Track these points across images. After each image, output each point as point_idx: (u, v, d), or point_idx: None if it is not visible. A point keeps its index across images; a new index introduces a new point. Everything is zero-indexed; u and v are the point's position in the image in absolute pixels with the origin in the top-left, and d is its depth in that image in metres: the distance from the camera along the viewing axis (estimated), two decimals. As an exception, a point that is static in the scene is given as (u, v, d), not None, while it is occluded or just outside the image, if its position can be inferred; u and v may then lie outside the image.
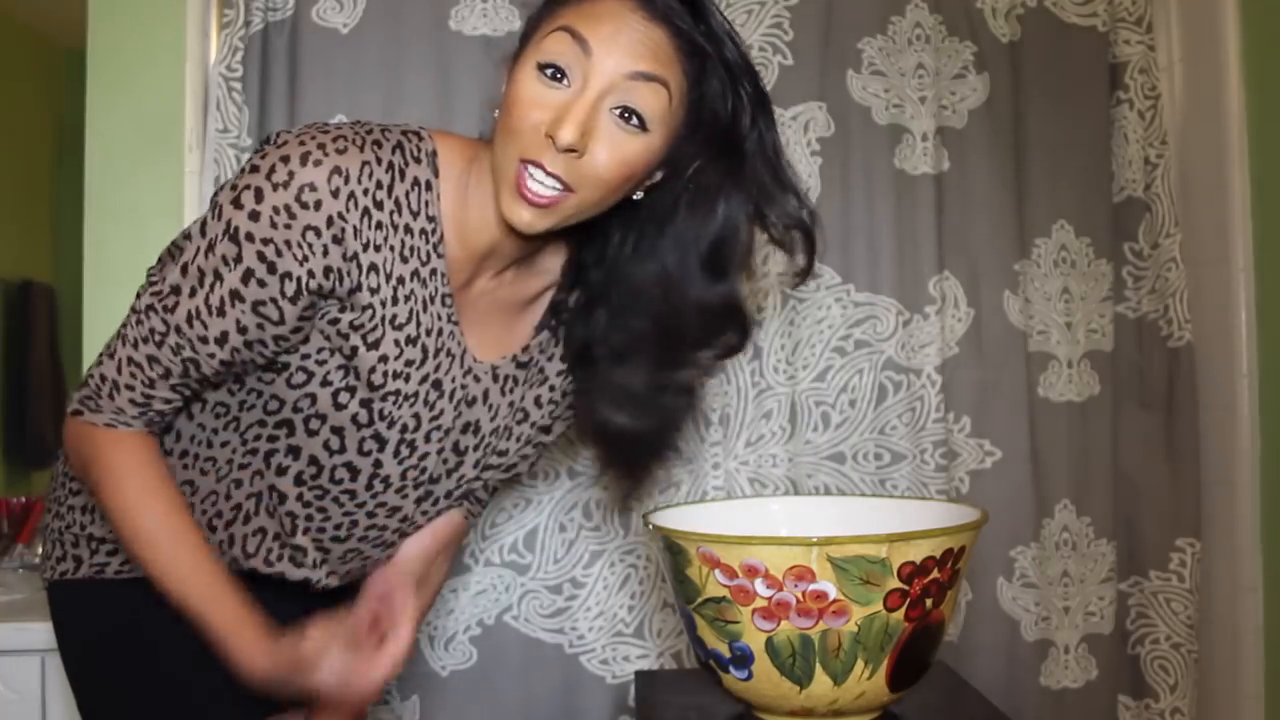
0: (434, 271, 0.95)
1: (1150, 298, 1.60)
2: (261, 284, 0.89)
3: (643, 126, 0.89)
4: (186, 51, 1.48)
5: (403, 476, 1.03)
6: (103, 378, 0.95)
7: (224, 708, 1.00)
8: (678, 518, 1.15)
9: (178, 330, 0.92)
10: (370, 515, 1.04)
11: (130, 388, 0.94)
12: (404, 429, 0.99)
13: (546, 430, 1.13)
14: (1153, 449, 1.60)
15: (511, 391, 1.07)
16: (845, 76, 1.53)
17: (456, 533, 1.17)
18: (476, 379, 1.03)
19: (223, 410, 1.01)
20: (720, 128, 0.95)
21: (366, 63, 1.45)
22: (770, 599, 0.95)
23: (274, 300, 0.90)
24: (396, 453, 1.01)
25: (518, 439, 1.10)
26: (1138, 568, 1.60)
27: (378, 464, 1.00)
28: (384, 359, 0.95)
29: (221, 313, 0.90)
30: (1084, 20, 1.60)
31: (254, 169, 0.89)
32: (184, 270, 0.91)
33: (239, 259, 0.88)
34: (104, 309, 1.46)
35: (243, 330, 0.91)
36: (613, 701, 1.48)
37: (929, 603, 0.97)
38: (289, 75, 1.44)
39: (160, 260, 0.98)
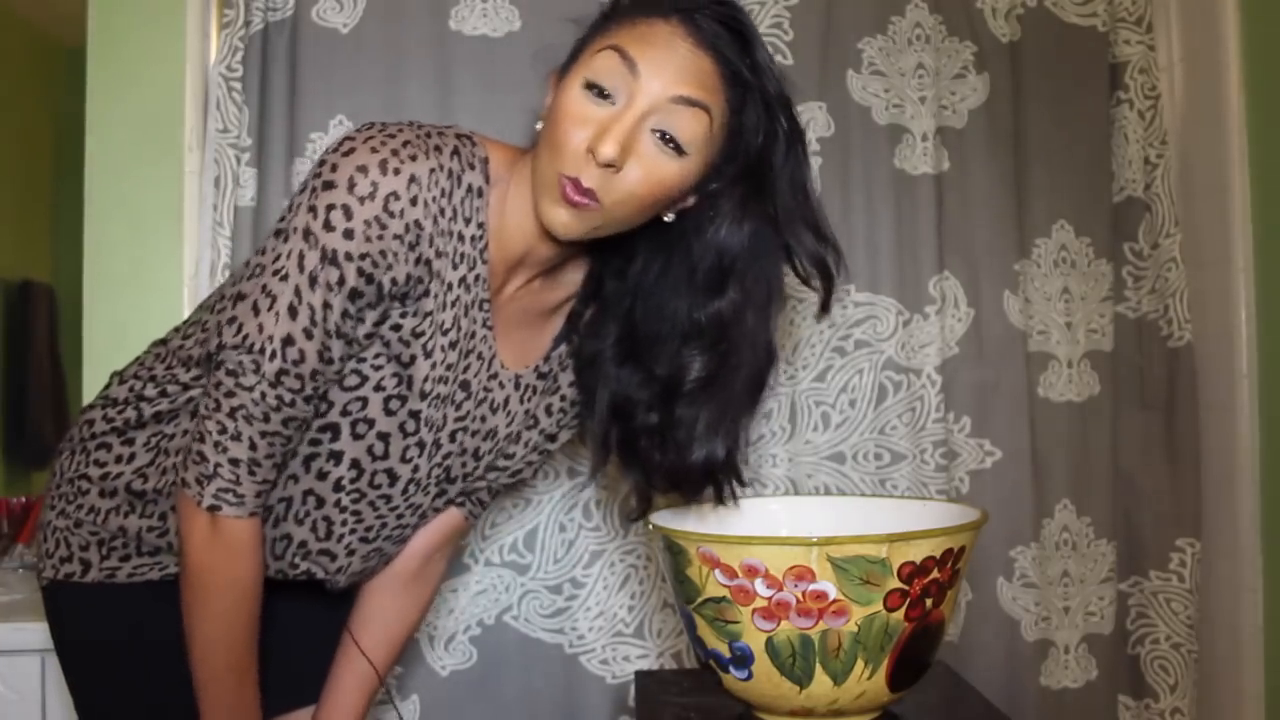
0: (477, 277, 0.97)
1: (1150, 298, 1.60)
2: (361, 296, 0.90)
3: (680, 150, 0.91)
4: (186, 51, 1.48)
5: (428, 475, 1.04)
6: (234, 461, 0.91)
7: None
8: (678, 518, 1.15)
9: (314, 375, 0.91)
10: (399, 516, 1.05)
11: (270, 456, 0.93)
12: (435, 429, 1.00)
13: (553, 439, 1.15)
14: (1153, 449, 1.60)
15: (529, 400, 1.08)
16: (845, 76, 1.53)
17: (455, 531, 1.18)
18: (501, 385, 1.05)
19: None
20: (753, 159, 0.96)
21: (366, 63, 1.45)
22: (770, 599, 0.95)
23: (369, 306, 0.92)
24: (430, 455, 1.02)
25: (525, 444, 1.11)
26: (1138, 568, 1.60)
27: (416, 469, 1.01)
28: (434, 365, 0.96)
29: (341, 335, 0.91)
30: (1084, 20, 1.60)
31: (330, 186, 0.88)
32: (292, 314, 0.89)
33: (342, 281, 0.89)
34: (104, 309, 1.47)
35: (350, 345, 0.93)
36: (613, 701, 1.48)
37: (929, 603, 0.97)
38: (289, 75, 1.44)
39: (234, 321, 0.91)
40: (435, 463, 1.03)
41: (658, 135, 0.90)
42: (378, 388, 0.96)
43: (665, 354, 1.02)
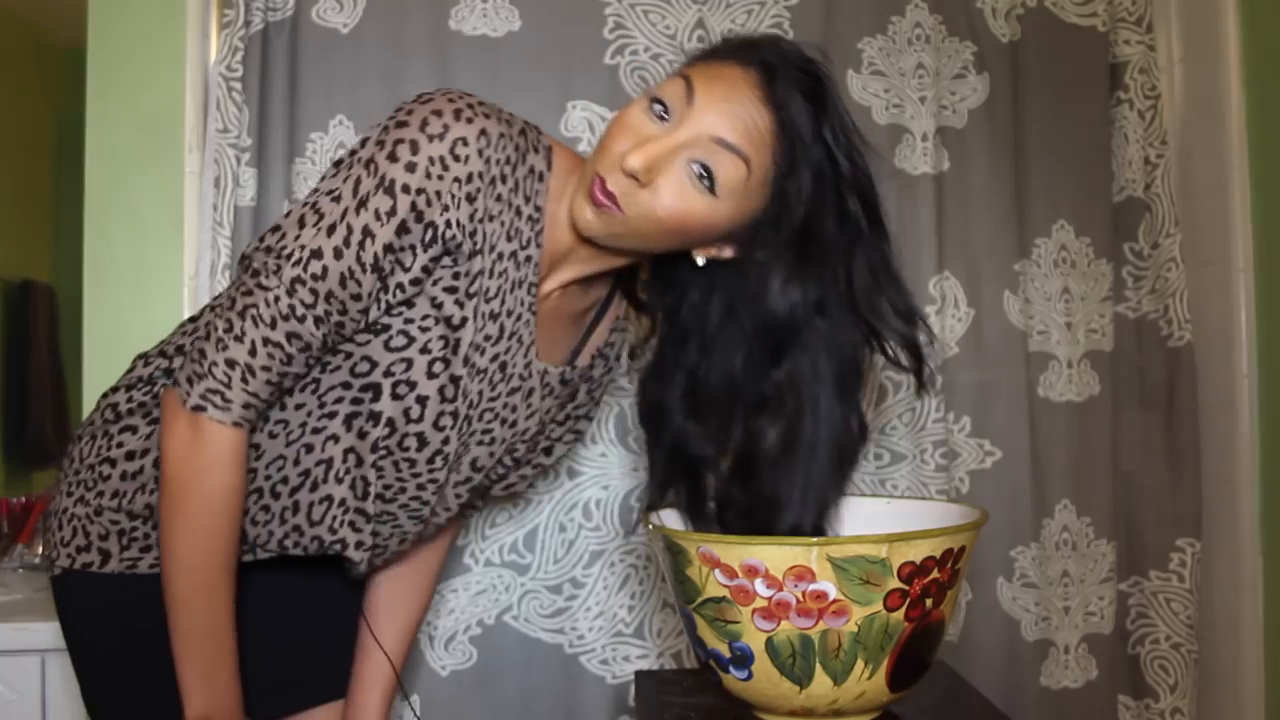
0: (529, 258, 0.98)
1: (1150, 298, 1.60)
2: (408, 232, 0.90)
3: (713, 189, 0.91)
4: (186, 51, 1.48)
5: (455, 453, 1.03)
6: (230, 363, 0.90)
7: (249, 707, 1.00)
8: (678, 518, 1.15)
9: (329, 296, 0.90)
10: (420, 488, 1.04)
11: (267, 369, 0.90)
12: (470, 404, 1.01)
13: (549, 452, 1.18)
14: (1153, 449, 1.60)
15: (546, 399, 1.09)
16: (845, 76, 1.53)
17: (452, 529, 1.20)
18: (532, 375, 1.05)
19: None
20: (798, 227, 0.95)
21: (366, 63, 1.45)
22: (770, 599, 0.95)
23: (412, 248, 0.91)
24: (460, 429, 1.01)
25: (528, 448, 1.13)
26: (1138, 568, 1.60)
27: (446, 440, 1.01)
28: (475, 331, 0.97)
29: (377, 269, 0.91)
30: (1084, 20, 1.60)
31: (402, 124, 0.90)
32: (330, 231, 0.89)
33: (393, 211, 0.89)
34: (104, 309, 1.47)
35: (384, 281, 0.92)
36: (613, 701, 1.48)
37: (929, 603, 0.97)
38: (289, 75, 1.44)
39: (279, 230, 0.92)
40: (462, 441, 1.03)
41: (697, 167, 0.91)
42: (424, 349, 0.96)
43: (736, 420, 1.02)
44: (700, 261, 0.99)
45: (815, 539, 0.94)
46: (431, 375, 0.97)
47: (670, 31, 1.50)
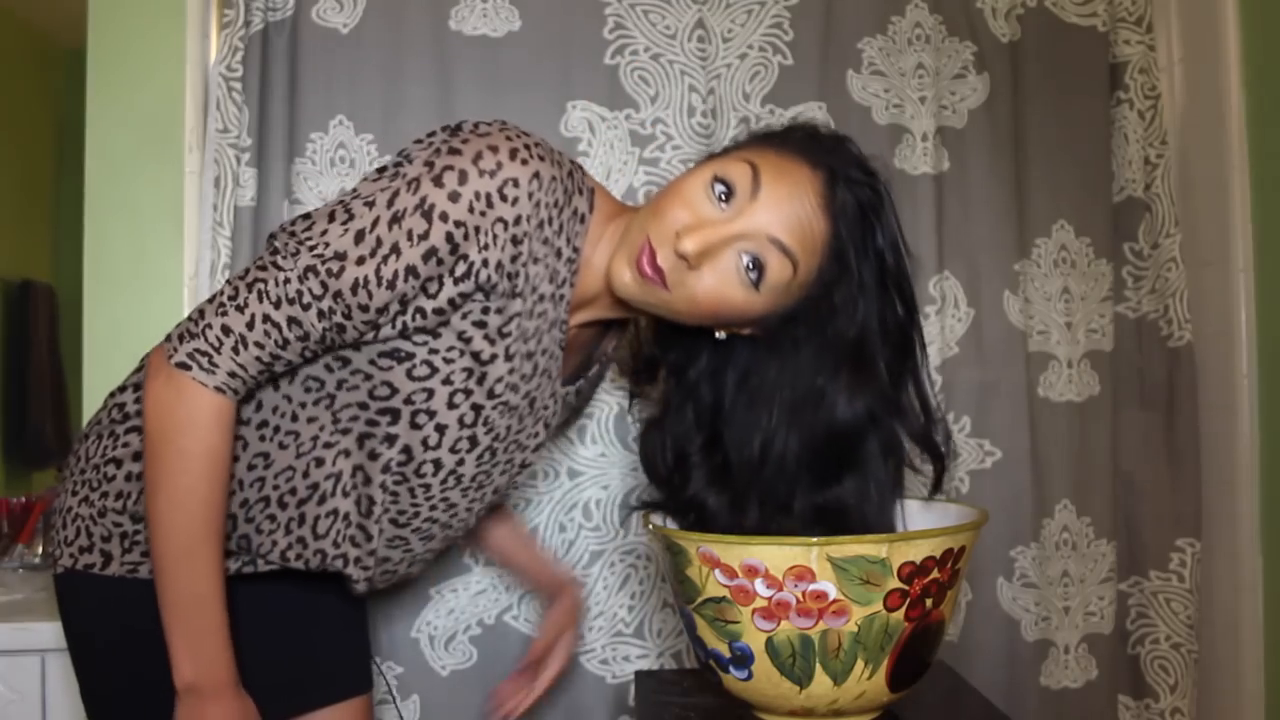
0: (562, 298, 0.99)
1: (1150, 298, 1.60)
2: (440, 263, 0.90)
3: (756, 284, 0.93)
4: (186, 51, 1.48)
5: (472, 479, 1.04)
6: (225, 329, 0.89)
7: (258, 702, 1.00)
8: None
9: (337, 296, 0.90)
10: (432, 508, 1.05)
11: (260, 346, 0.90)
12: (495, 437, 1.01)
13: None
14: (1153, 449, 1.60)
15: (557, 416, 1.11)
16: (845, 76, 1.53)
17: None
18: (554, 401, 1.08)
19: (315, 385, 0.99)
20: (850, 338, 0.97)
21: (366, 63, 1.45)
22: (770, 599, 0.95)
23: (439, 278, 0.91)
24: (479, 457, 1.02)
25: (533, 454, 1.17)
26: (1138, 568, 1.60)
27: (460, 463, 1.02)
28: (510, 371, 0.97)
29: (392, 286, 0.90)
30: (1084, 20, 1.60)
31: (455, 151, 0.90)
32: (358, 238, 0.89)
33: (426, 236, 0.89)
34: (104, 309, 1.47)
35: (403, 303, 0.92)
36: (613, 701, 1.48)
37: (929, 603, 0.97)
38: (289, 75, 1.44)
39: (309, 218, 0.93)
40: (481, 468, 1.03)
41: (747, 259, 0.92)
42: (446, 380, 0.96)
43: (752, 495, 1.04)
44: (720, 336, 1.01)
45: (815, 539, 0.94)
46: (452, 405, 0.97)
47: (670, 31, 1.50)
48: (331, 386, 0.98)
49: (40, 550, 1.90)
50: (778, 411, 1.01)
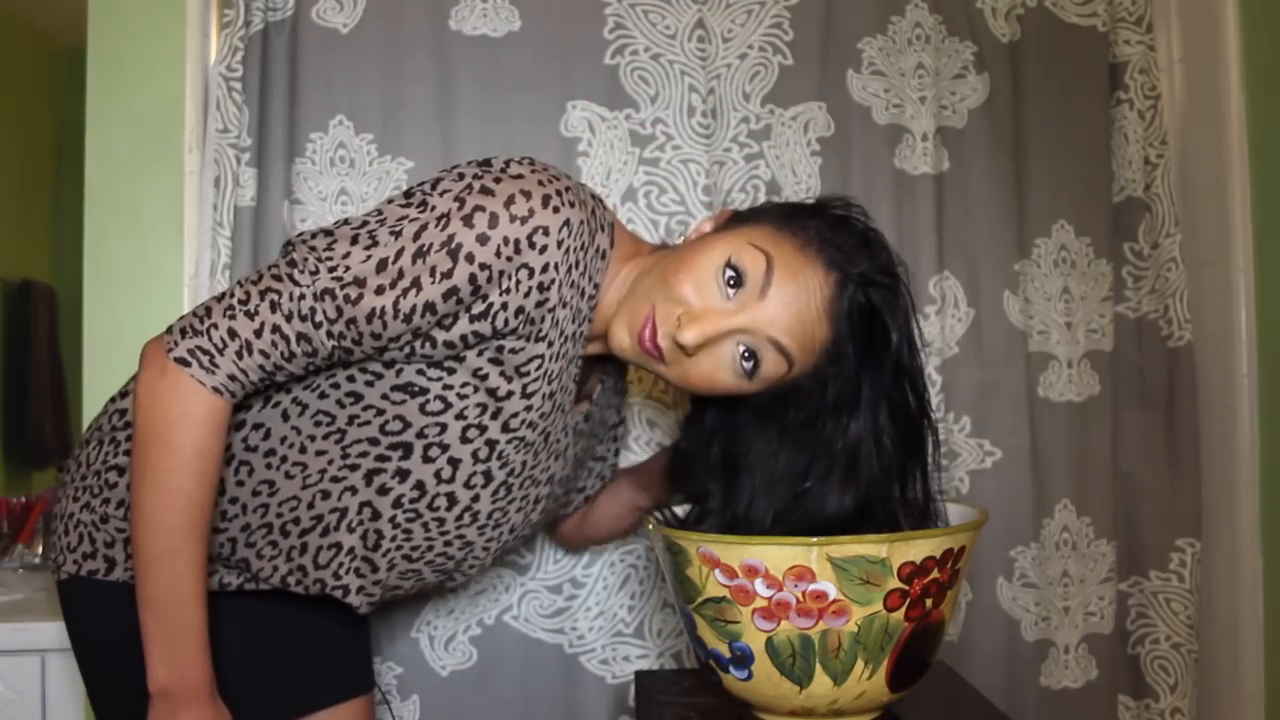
0: (579, 334, 0.98)
1: (1150, 298, 1.60)
2: (459, 301, 0.90)
3: (750, 375, 0.94)
4: (186, 51, 1.48)
5: (489, 515, 1.04)
6: (232, 333, 0.88)
7: (256, 713, 1.00)
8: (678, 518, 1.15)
9: (351, 322, 0.89)
10: (446, 544, 1.04)
11: (265, 355, 0.89)
12: (511, 472, 1.01)
13: (617, 453, 1.26)
14: (1153, 449, 1.59)
15: (578, 444, 1.11)
16: (845, 76, 1.53)
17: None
18: (567, 433, 1.07)
19: (326, 420, 0.98)
20: (826, 429, 0.98)
21: (366, 63, 1.45)
22: (770, 599, 0.95)
23: (456, 314, 0.91)
24: (495, 493, 1.02)
25: (591, 472, 1.20)
26: (1138, 568, 1.59)
27: (475, 499, 1.01)
28: (530, 408, 0.97)
29: (408, 320, 0.89)
30: (1084, 20, 1.60)
31: (487, 192, 0.88)
32: (380, 267, 0.88)
33: (449, 275, 0.88)
34: (104, 309, 1.46)
35: (416, 333, 0.91)
36: (613, 701, 1.47)
37: (929, 603, 0.97)
38: (289, 75, 1.44)
39: (330, 235, 0.91)
40: (497, 504, 1.03)
41: (744, 349, 0.93)
42: (459, 415, 0.95)
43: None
44: None
45: (815, 539, 0.94)
46: (465, 440, 0.97)
47: (670, 31, 1.50)
48: (343, 422, 0.97)
49: (40, 550, 1.90)
50: (760, 482, 1.02)
